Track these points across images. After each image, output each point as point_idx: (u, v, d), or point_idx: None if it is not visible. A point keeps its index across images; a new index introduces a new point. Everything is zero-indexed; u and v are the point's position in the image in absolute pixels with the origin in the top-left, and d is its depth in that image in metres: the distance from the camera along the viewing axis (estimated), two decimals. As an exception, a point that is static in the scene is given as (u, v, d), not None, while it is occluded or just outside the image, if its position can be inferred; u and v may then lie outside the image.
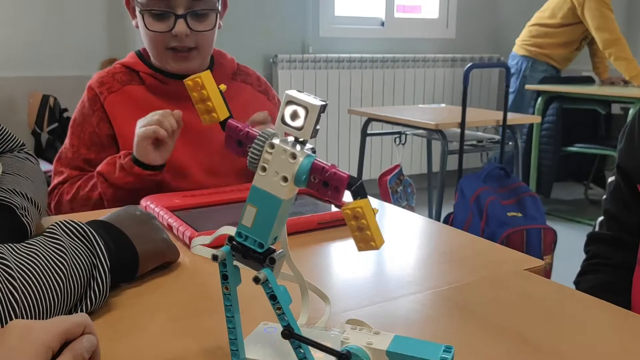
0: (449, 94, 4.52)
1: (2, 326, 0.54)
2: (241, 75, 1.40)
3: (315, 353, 0.48)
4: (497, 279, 0.79)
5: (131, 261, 0.74)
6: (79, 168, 1.27)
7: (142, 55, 1.34)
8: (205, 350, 0.60)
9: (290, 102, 0.44)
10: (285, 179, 0.45)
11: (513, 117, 2.85)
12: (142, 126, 1.14)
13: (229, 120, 0.47)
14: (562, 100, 3.82)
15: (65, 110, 3.16)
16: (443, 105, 3.71)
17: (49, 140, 3.16)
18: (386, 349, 0.46)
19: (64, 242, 0.65)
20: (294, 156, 0.45)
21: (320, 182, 0.45)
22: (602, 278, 1.08)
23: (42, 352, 0.49)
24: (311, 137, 0.44)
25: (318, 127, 0.44)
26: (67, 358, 0.51)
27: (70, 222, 0.68)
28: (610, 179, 1.11)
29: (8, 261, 0.58)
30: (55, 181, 1.26)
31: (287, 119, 0.44)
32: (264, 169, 0.46)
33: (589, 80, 4.17)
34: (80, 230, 0.67)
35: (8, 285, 0.57)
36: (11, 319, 0.56)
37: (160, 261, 0.80)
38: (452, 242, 0.97)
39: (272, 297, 0.47)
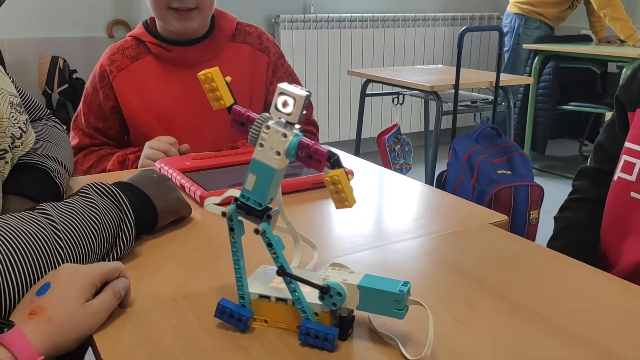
0: (448, 52, 4.57)
1: (52, 269, 0.67)
2: (241, 36, 1.46)
3: (303, 288, 0.61)
4: (465, 231, 0.92)
5: (151, 216, 0.86)
6: (89, 135, 1.42)
7: (148, 26, 1.44)
8: (216, 287, 0.72)
9: (281, 93, 0.56)
10: (278, 153, 0.58)
11: (506, 79, 2.92)
12: (151, 147, 1.29)
13: (234, 106, 0.59)
14: (558, 59, 3.88)
15: (75, 71, 3.25)
16: (440, 65, 3.78)
17: (59, 100, 3.26)
18: (357, 284, 0.59)
19: (96, 201, 0.77)
20: (285, 135, 0.57)
21: (306, 156, 0.57)
22: (574, 219, 1.17)
23: (88, 287, 0.63)
24: (298, 121, 0.56)
25: (304, 112, 0.56)
26: (107, 293, 0.65)
27: (101, 184, 0.80)
28: (607, 119, 1.19)
29: (53, 217, 0.71)
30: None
31: (280, 107, 0.56)
32: (261, 145, 0.58)
33: (586, 39, 4.20)
34: (110, 190, 0.80)
35: (54, 236, 0.69)
36: (58, 263, 0.68)
37: (175, 216, 0.92)
38: (434, 201, 1.10)
39: (269, 245, 0.60)
